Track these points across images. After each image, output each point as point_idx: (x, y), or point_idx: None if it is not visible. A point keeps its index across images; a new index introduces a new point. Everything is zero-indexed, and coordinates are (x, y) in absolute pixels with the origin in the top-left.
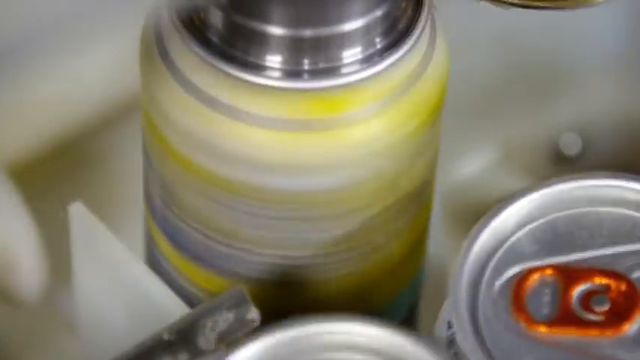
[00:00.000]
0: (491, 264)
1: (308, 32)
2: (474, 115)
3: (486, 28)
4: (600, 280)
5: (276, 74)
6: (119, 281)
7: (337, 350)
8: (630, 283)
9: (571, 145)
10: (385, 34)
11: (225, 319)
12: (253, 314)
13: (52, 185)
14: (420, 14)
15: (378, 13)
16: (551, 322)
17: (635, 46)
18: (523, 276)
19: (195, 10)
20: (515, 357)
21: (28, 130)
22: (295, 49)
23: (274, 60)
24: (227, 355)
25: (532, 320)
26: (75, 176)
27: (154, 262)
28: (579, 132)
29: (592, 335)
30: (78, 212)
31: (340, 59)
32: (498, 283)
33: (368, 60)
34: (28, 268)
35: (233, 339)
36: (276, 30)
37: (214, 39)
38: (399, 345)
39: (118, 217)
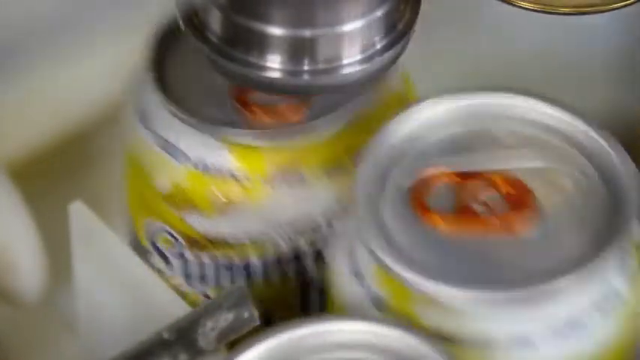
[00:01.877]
0: (394, 165)
1: (308, 32)
2: None
3: (486, 27)
4: (496, 182)
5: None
6: (119, 280)
7: (349, 349)
8: (525, 188)
9: None
10: (385, 34)
11: (225, 318)
12: (253, 313)
13: (52, 185)
14: (417, 14)
15: (378, 13)
16: (450, 219)
17: (635, 46)
18: (425, 176)
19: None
20: (417, 251)
21: (28, 129)
22: (295, 49)
23: (275, 59)
24: (240, 348)
25: (432, 216)
26: (75, 176)
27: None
28: None
29: (488, 231)
30: (78, 211)
31: (340, 59)
32: (400, 182)
33: (368, 60)
34: (28, 268)
35: (233, 338)
36: (276, 31)
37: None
38: (409, 345)
39: (118, 216)
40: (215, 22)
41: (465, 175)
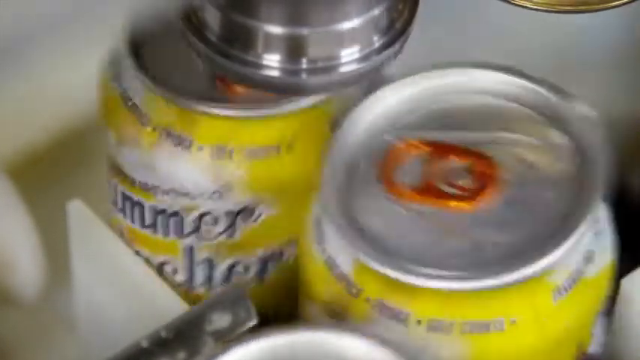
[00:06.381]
0: (366, 131)
1: (305, 31)
2: None
3: (486, 26)
4: (465, 159)
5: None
6: (118, 279)
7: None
8: (493, 165)
9: None
10: (383, 32)
11: (223, 317)
12: (251, 313)
13: (52, 185)
14: (415, 13)
15: (376, 12)
16: (414, 190)
17: (635, 45)
18: (395, 149)
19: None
20: (375, 218)
21: (27, 129)
22: (293, 47)
23: (272, 58)
24: (223, 355)
25: (396, 186)
26: (74, 176)
27: None
28: None
29: (449, 207)
30: (76, 210)
31: (338, 58)
32: (369, 149)
33: (365, 59)
34: (27, 268)
35: (231, 338)
36: (274, 29)
37: (213, 38)
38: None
39: None
40: (213, 20)
41: (434, 149)
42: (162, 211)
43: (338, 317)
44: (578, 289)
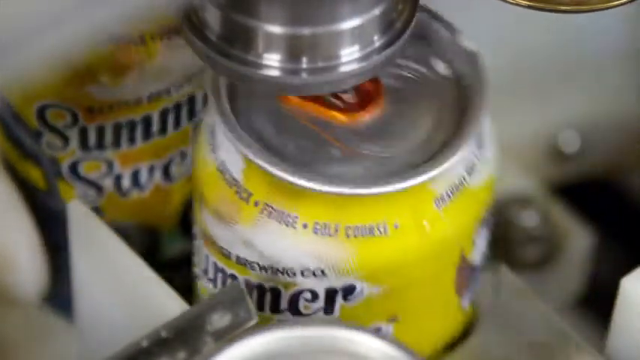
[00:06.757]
0: None
1: (306, 30)
2: None
3: (486, 26)
4: None
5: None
6: (118, 278)
7: (335, 355)
8: (376, 81)
9: (570, 143)
10: (383, 32)
11: (223, 317)
12: (251, 313)
13: None
14: (415, 13)
15: (376, 11)
16: (302, 98)
17: (635, 45)
18: None
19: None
20: (265, 122)
21: None
22: (293, 47)
23: (273, 58)
24: (223, 354)
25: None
26: None
27: None
28: (578, 130)
29: (334, 117)
30: (76, 210)
31: (338, 57)
32: None
33: (365, 59)
34: (28, 268)
35: (230, 337)
36: (274, 29)
37: (213, 37)
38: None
39: None
40: (214, 20)
41: None
42: (172, 108)
43: (229, 221)
44: (461, 198)
